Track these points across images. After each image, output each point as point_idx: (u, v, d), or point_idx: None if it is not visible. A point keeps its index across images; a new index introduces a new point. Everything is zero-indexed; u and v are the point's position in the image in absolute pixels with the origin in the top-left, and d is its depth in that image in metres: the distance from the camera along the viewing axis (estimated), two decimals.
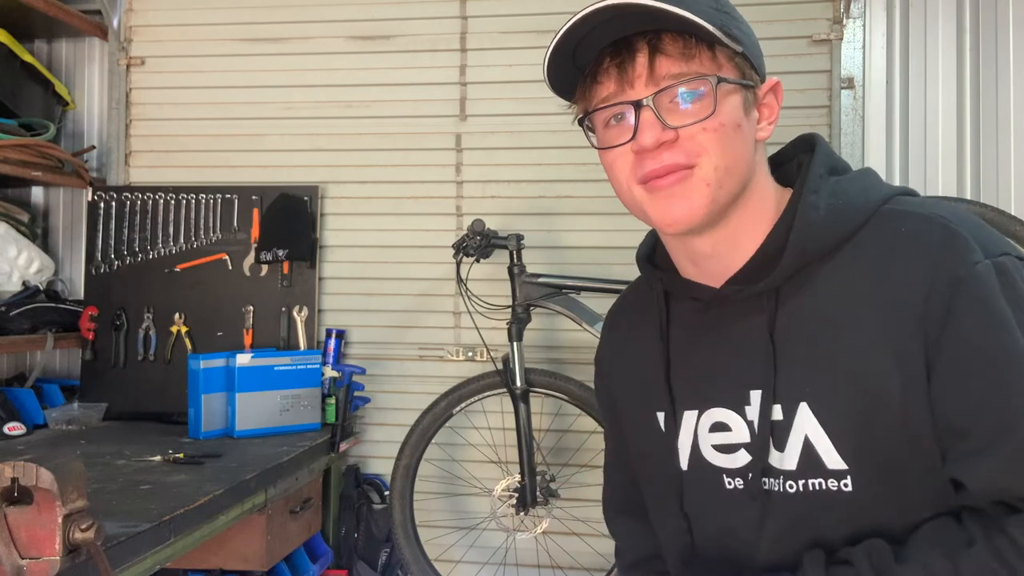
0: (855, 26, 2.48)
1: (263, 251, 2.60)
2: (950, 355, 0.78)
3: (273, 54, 2.77)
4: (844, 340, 0.82)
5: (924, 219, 0.82)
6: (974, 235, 0.80)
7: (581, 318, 2.26)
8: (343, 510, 2.55)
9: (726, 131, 0.83)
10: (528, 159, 2.63)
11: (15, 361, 2.84)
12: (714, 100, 0.82)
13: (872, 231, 0.84)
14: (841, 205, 0.85)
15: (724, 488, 0.91)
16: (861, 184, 0.88)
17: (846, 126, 2.45)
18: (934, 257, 0.79)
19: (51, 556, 1.17)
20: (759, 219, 0.89)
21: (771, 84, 0.90)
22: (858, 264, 0.83)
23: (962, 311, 0.77)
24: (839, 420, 0.82)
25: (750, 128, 0.87)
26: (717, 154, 0.83)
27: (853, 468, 0.82)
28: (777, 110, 0.90)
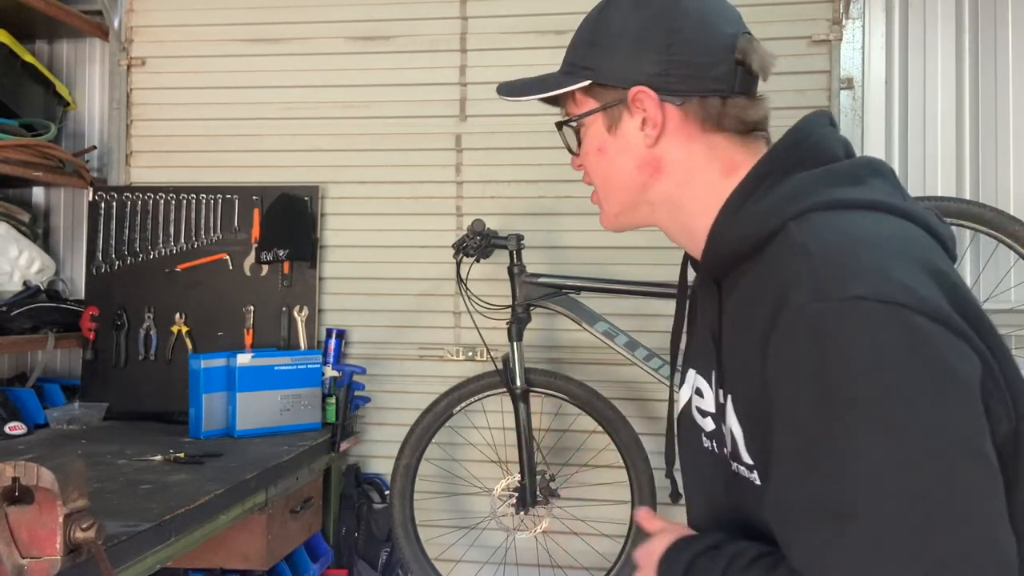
0: (854, 27, 2.48)
1: (264, 251, 2.60)
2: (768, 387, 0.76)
3: (273, 54, 2.77)
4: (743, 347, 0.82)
5: (789, 245, 0.78)
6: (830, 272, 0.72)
7: (581, 318, 2.26)
8: (343, 509, 2.56)
9: (590, 158, 0.97)
10: (528, 159, 2.63)
11: (16, 361, 2.84)
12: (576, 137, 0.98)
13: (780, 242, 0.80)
14: (755, 215, 0.83)
15: (702, 445, 0.96)
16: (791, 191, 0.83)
17: (845, 127, 2.45)
18: (774, 288, 0.76)
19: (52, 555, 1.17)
20: (700, 210, 0.91)
21: (632, 94, 0.89)
22: (757, 276, 0.82)
23: (772, 351, 0.75)
24: (746, 420, 0.83)
25: (620, 144, 0.92)
26: (594, 177, 0.98)
27: (757, 467, 0.83)
28: (652, 114, 0.89)
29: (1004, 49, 2.43)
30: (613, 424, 2.29)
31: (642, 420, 2.49)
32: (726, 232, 0.86)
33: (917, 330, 0.68)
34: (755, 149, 0.91)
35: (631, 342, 2.24)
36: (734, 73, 0.88)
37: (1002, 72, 2.43)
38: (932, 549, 0.65)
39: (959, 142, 2.46)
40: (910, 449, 0.66)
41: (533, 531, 2.39)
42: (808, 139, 0.88)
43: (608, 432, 2.31)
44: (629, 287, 2.27)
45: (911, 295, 0.69)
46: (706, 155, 0.90)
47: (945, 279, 0.73)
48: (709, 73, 0.88)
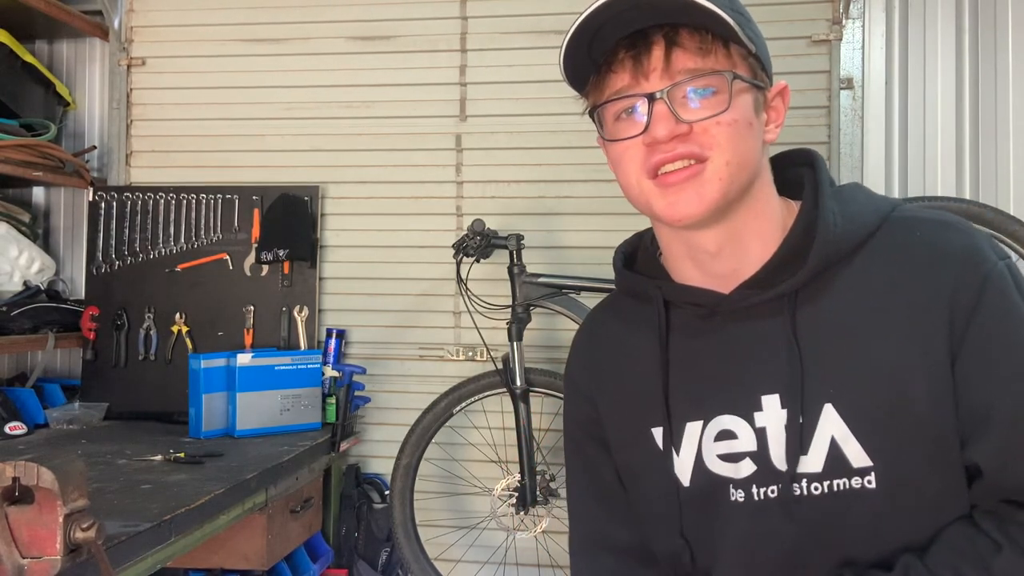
0: (854, 27, 2.48)
1: (264, 251, 2.60)
2: (975, 345, 0.82)
3: (273, 54, 2.77)
4: (868, 341, 0.84)
5: (939, 224, 0.87)
6: (987, 239, 0.86)
7: (581, 318, 2.26)
8: (343, 509, 2.56)
9: (739, 127, 0.83)
10: (528, 159, 2.63)
11: (16, 361, 2.84)
12: (729, 96, 0.82)
13: (886, 237, 0.87)
14: (854, 213, 0.88)
15: (729, 499, 0.88)
16: (864, 194, 0.92)
17: (845, 127, 2.45)
18: (957, 258, 0.83)
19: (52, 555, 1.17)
20: (764, 221, 0.89)
21: (779, 87, 0.91)
22: (876, 268, 0.86)
23: (988, 306, 0.82)
24: (865, 418, 0.83)
25: (759, 128, 0.88)
26: (729, 149, 0.83)
27: (878, 464, 0.83)
28: (784, 114, 0.91)
29: (1004, 49, 2.43)
30: None
31: None
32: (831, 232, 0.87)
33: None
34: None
35: None
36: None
37: (1002, 72, 2.43)
38: None
39: (959, 142, 2.46)
40: None
41: (533, 531, 2.39)
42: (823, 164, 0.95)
43: None
44: None
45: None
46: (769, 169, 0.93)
47: None
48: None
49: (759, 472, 0.87)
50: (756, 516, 0.87)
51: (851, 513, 0.84)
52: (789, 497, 0.85)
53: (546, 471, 2.37)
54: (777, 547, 0.86)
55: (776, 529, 0.86)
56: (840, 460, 0.83)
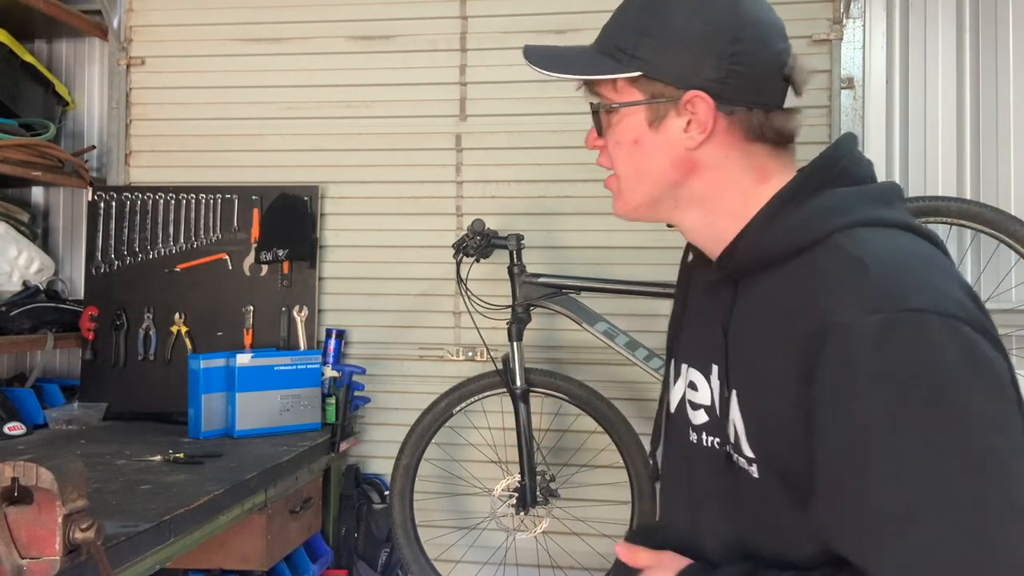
0: (855, 26, 2.48)
1: (263, 251, 2.60)
2: (816, 402, 0.78)
3: (273, 54, 2.77)
4: (761, 347, 0.86)
5: (844, 257, 0.80)
6: (886, 286, 0.76)
7: (581, 318, 2.26)
8: (343, 510, 2.55)
9: (622, 148, 0.95)
10: (528, 159, 2.63)
11: (15, 361, 2.84)
12: (603, 124, 0.96)
13: (816, 255, 0.83)
14: (795, 223, 0.86)
15: (688, 439, 1.00)
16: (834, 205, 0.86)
17: (846, 126, 2.45)
18: (826, 298, 0.78)
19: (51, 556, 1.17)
20: (728, 213, 0.93)
21: (688, 96, 0.89)
22: (791, 283, 0.85)
23: (826, 361, 0.76)
24: (750, 417, 0.87)
25: (660, 140, 0.92)
26: (618, 166, 0.97)
27: (758, 461, 0.87)
28: (704, 119, 0.89)
29: (1004, 49, 2.43)
30: (613, 424, 2.28)
31: (642, 420, 2.48)
32: (762, 236, 0.88)
33: (969, 340, 0.74)
34: (787, 160, 0.95)
35: (631, 342, 2.24)
36: (782, 88, 0.91)
37: (1002, 72, 2.42)
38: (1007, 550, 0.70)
39: (959, 142, 2.45)
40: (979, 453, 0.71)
41: (533, 531, 2.39)
42: (844, 158, 0.91)
43: (608, 432, 2.30)
44: (629, 287, 2.27)
45: (960, 308, 0.75)
46: (742, 163, 0.92)
47: (971, 293, 0.80)
48: (761, 86, 0.90)
49: (711, 423, 0.95)
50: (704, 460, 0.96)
51: (747, 495, 0.89)
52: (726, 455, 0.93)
53: (546, 471, 2.36)
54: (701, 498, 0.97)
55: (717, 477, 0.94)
56: (739, 442, 0.89)
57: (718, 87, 0.88)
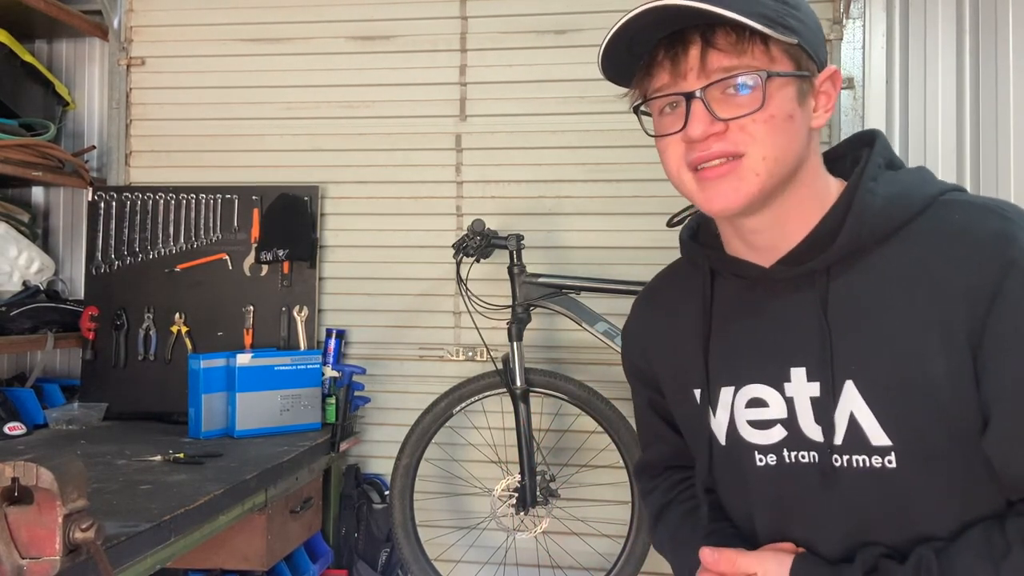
0: (855, 26, 2.48)
1: (263, 251, 2.60)
2: (993, 332, 0.80)
3: (273, 54, 2.77)
4: (892, 320, 0.85)
5: (980, 208, 0.86)
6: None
7: (581, 318, 2.26)
8: (343, 510, 2.55)
9: (776, 122, 0.85)
10: (528, 159, 2.63)
11: (15, 361, 2.84)
12: (763, 94, 0.84)
13: (927, 220, 0.86)
14: (898, 193, 0.88)
15: (755, 464, 0.94)
16: (919, 177, 0.92)
17: (846, 126, 2.45)
18: (986, 242, 0.82)
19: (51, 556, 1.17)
20: (809, 203, 0.91)
21: (828, 73, 0.90)
22: (911, 250, 0.86)
23: (1011, 291, 0.80)
24: (885, 397, 0.85)
25: (804, 117, 0.88)
26: (767, 144, 0.85)
27: (897, 445, 0.84)
28: (834, 98, 0.91)
29: (1005, 49, 2.43)
30: (613, 424, 2.28)
31: None
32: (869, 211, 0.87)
33: None
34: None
35: None
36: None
37: (1003, 72, 2.42)
38: None
39: (959, 142, 2.45)
40: None
41: (533, 531, 2.39)
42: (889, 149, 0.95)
43: (608, 432, 2.31)
44: (629, 287, 2.27)
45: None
46: (818, 153, 0.94)
47: None
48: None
49: (790, 437, 0.91)
50: (788, 478, 0.91)
51: (874, 493, 0.86)
52: (828, 466, 0.88)
53: (546, 471, 2.36)
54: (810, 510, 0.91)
55: (810, 493, 0.90)
56: (859, 436, 0.85)
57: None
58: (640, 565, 2.26)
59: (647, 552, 2.26)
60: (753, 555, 0.91)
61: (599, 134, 2.57)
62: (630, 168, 2.53)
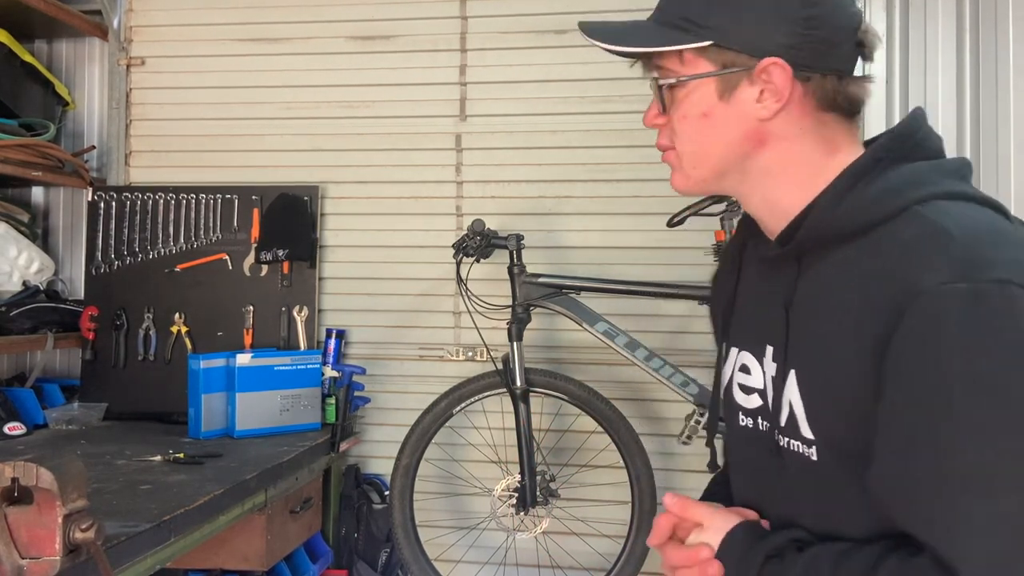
0: None
1: (263, 251, 2.60)
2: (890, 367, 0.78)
3: (273, 54, 2.77)
4: (830, 323, 0.85)
5: (928, 227, 0.80)
6: (971, 256, 0.76)
7: (581, 318, 2.26)
8: (343, 510, 2.55)
9: (689, 122, 0.92)
10: (528, 159, 2.63)
11: (15, 361, 2.84)
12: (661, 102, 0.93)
13: (894, 226, 0.83)
14: (873, 195, 0.85)
15: (738, 424, 1.00)
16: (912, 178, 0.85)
17: None
18: (909, 267, 0.78)
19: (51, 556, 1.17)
20: (797, 186, 0.91)
21: (763, 65, 0.88)
22: (866, 255, 0.84)
23: (908, 325, 0.76)
24: (811, 394, 0.86)
25: (731, 112, 0.89)
26: (682, 141, 0.93)
27: (818, 442, 0.86)
28: (780, 87, 0.88)
29: (1004, 48, 2.43)
30: (613, 424, 2.29)
31: (642, 420, 2.49)
32: (836, 209, 0.86)
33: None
34: (855, 132, 0.92)
35: (631, 342, 2.24)
36: (855, 53, 0.89)
37: (1002, 71, 2.42)
38: None
39: (960, 141, 2.46)
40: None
41: (533, 531, 2.39)
42: (917, 132, 0.90)
43: (608, 432, 2.31)
44: (629, 287, 2.27)
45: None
46: (815, 133, 0.90)
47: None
48: (835, 51, 0.87)
49: (763, 408, 0.95)
50: (754, 444, 0.96)
51: (805, 480, 0.88)
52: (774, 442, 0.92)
53: (546, 471, 2.37)
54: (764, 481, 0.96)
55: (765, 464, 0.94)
56: (794, 424, 0.88)
57: (793, 53, 0.86)
58: (640, 565, 2.27)
59: (647, 552, 2.26)
60: (707, 507, 0.95)
61: (599, 134, 2.57)
62: (630, 168, 2.53)
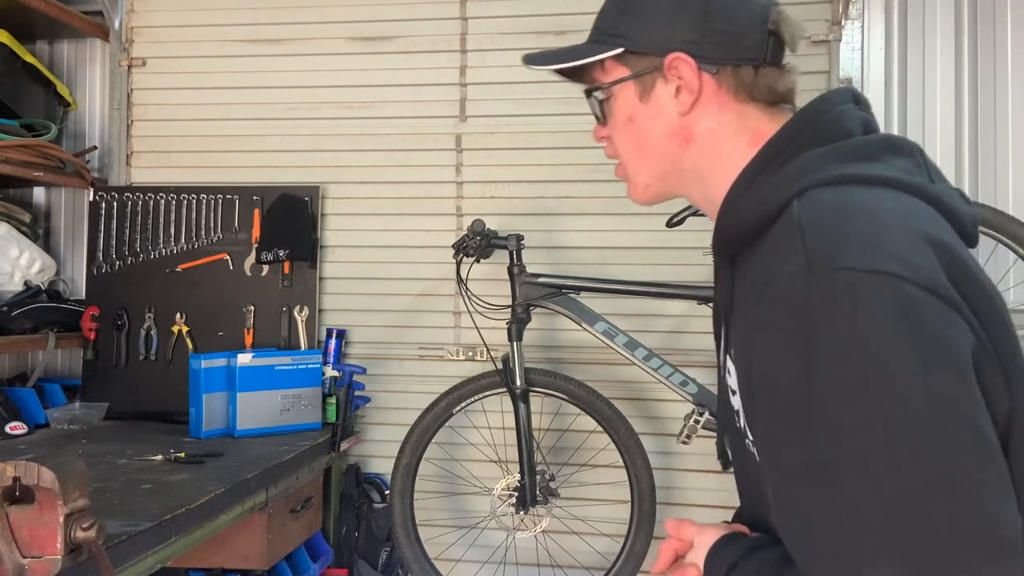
0: (854, 27, 2.48)
1: (264, 251, 2.61)
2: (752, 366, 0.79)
3: (274, 55, 2.78)
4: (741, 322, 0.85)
5: (787, 220, 0.78)
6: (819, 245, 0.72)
7: (581, 318, 2.26)
8: (344, 509, 2.56)
9: (619, 129, 0.95)
10: (528, 159, 2.63)
11: (17, 361, 2.85)
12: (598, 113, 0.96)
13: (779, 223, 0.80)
14: (764, 193, 0.83)
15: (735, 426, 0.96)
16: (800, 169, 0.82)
17: None
18: (765, 262, 0.78)
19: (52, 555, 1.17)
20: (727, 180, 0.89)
21: (669, 60, 0.89)
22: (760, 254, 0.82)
23: (756, 322, 0.77)
24: (742, 394, 0.87)
25: (652, 111, 0.91)
26: (620, 149, 0.97)
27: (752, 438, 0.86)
28: (689, 81, 0.88)
29: (1004, 49, 2.43)
30: (613, 424, 2.29)
31: (642, 420, 2.49)
32: (736, 208, 0.86)
33: (906, 299, 0.67)
34: (781, 121, 0.88)
35: (631, 342, 2.24)
36: (766, 42, 0.90)
37: (1002, 72, 2.43)
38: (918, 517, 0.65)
39: (959, 142, 2.46)
40: (896, 415, 0.66)
41: (533, 531, 2.40)
42: (823, 116, 0.85)
43: (608, 432, 2.31)
44: (629, 287, 2.28)
45: (902, 264, 0.69)
46: (736, 124, 0.90)
47: (946, 251, 0.72)
48: (743, 42, 0.88)
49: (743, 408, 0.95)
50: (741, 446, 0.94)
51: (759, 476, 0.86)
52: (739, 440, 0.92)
53: (546, 471, 2.37)
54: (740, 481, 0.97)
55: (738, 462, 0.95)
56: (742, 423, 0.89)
57: (697, 47, 0.88)
58: (640, 564, 2.27)
59: (647, 551, 2.26)
60: (696, 526, 0.94)
61: None
62: None
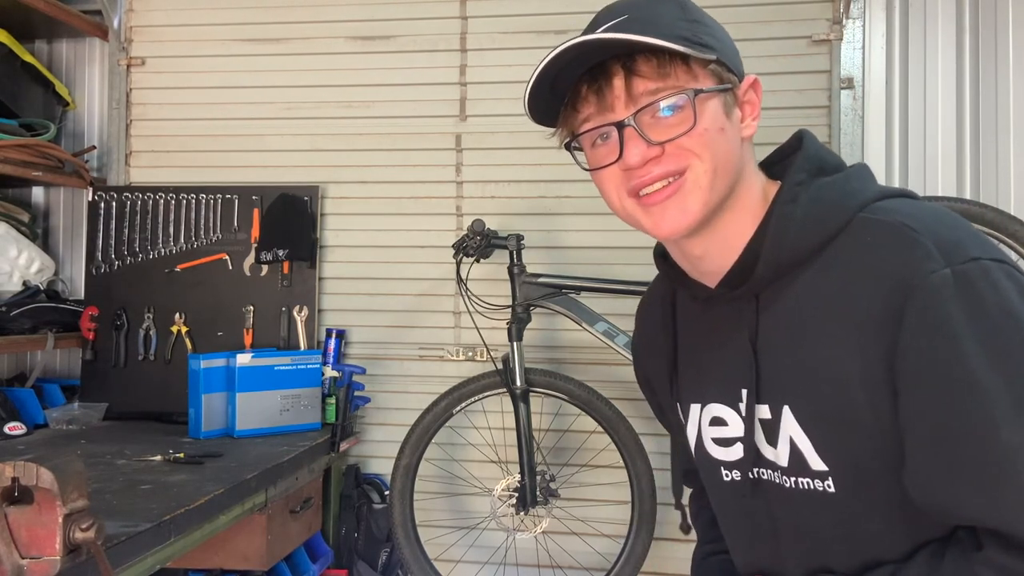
0: (855, 26, 2.48)
1: (263, 251, 2.60)
2: (903, 367, 0.78)
3: (273, 54, 2.77)
4: (817, 348, 0.84)
5: (888, 227, 0.81)
6: (940, 242, 0.78)
7: (581, 318, 2.26)
8: (343, 510, 2.55)
9: (710, 135, 0.85)
10: (528, 159, 2.63)
11: (16, 361, 2.84)
12: (693, 111, 0.84)
13: (847, 239, 0.84)
14: (816, 214, 0.85)
15: (723, 480, 0.96)
16: (842, 189, 0.87)
17: (846, 126, 2.45)
18: (890, 267, 0.79)
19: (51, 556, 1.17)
20: (747, 217, 0.90)
21: (749, 82, 0.90)
22: (831, 273, 0.84)
23: (911, 322, 0.77)
24: (817, 424, 0.84)
25: (733, 129, 0.88)
26: (706, 157, 0.85)
27: (833, 471, 0.84)
28: (758, 106, 0.91)
29: (1004, 49, 2.43)
30: (613, 424, 2.29)
31: (642, 420, 2.49)
32: (787, 237, 0.86)
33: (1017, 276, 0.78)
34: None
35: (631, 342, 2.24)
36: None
37: (1002, 72, 2.43)
38: None
39: (959, 142, 2.45)
40: None
41: (533, 531, 2.39)
42: (818, 151, 0.91)
43: (608, 432, 2.31)
44: (629, 287, 2.27)
45: (1000, 252, 0.80)
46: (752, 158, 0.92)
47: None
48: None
49: (749, 455, 0.92)
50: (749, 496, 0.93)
51: (822, 516, 0.86)
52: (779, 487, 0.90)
53: (546, 471, 2.37)
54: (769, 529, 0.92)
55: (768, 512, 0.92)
56: (801, 460, 0.86)
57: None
58: (640, 565, 2.27)
59: (647, 552, 2.26)
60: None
61: None
62: None
